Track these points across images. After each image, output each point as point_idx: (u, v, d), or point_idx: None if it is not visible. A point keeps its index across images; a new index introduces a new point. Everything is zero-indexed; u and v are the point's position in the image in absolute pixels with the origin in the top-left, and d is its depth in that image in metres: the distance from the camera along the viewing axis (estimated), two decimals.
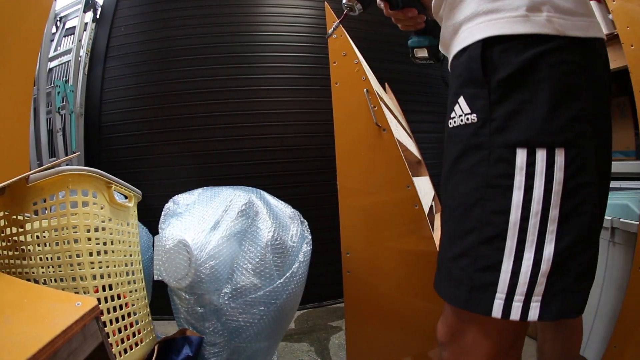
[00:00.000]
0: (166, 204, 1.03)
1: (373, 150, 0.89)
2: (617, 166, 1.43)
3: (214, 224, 0.93)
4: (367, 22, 2.23)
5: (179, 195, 1.05)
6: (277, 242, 0.99)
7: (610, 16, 1.23)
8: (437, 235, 1.48)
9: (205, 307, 0.92)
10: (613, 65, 1.23)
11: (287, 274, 0.99)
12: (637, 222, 1.06)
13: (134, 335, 0.83)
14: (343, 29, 0.93)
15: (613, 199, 1.20)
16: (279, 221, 1.01)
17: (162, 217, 1.01)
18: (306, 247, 1.03)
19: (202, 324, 0.93)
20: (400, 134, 1.14)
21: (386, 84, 1.92)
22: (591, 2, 1.31)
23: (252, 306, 0.93)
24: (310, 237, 1.06)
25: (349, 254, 0.90)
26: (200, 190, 1.06)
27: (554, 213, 0.45)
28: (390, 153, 0.87)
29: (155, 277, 0.92)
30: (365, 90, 0.89)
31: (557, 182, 0.45)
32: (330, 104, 0.94)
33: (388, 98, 1.89)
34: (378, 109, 0.87)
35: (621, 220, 1.12)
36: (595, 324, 1.22)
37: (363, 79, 0.90)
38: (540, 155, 0.45)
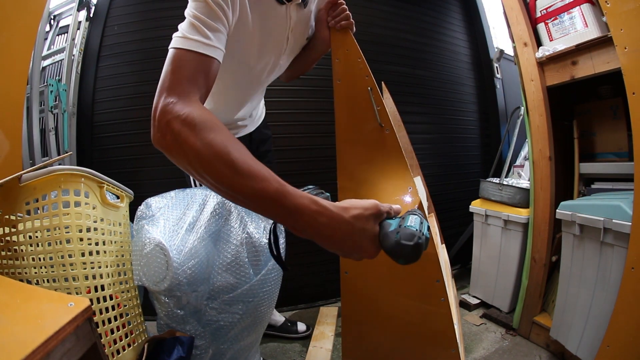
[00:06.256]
0: (139, 207, 1.00)
1: (375, 150, 0.87)
2: (610, 167, 1.45)
3: (188, 226, 0.92)
4: (361, 23, 2.23)
5: (152, 198, 1.03)
6: (251, 240, 0.99)
7: (604, 19, 1.24)
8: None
9: (184, 310, 0.91)
10: (607, 67, 1.24)
11: (263, 272, 0.99)
12: (630, 223, 1.07)
13: (126, 336, 0.82)
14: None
15: (606, 200, 1.21)
16: (252, 219, 1.01)
17: (135, 220, 0.99)
18: (280, 244, 1.02)
19: (183, 327, 0.92)
20: (401, 134, 1.13)
21: (383, 83, 1.92)
22: (585, 4, 1.34)
23: (231, 305, 0.93)
24: (284, 233, 1.04)
25: None
26: (173, 193, 1.04)
27: None
28: (393, 153, 0.85)
29: (135, 282, 0.91)
30: (369, 88, 0.87)
31: None
32: (330, 105, 0.92)
33: (386, 97, 1.89)
34: (381, 108, 0.86)
35: (614, 220, 1.13)
36: (588, 323, 1.23)
37: (366, 77, 0.88)
38: None
